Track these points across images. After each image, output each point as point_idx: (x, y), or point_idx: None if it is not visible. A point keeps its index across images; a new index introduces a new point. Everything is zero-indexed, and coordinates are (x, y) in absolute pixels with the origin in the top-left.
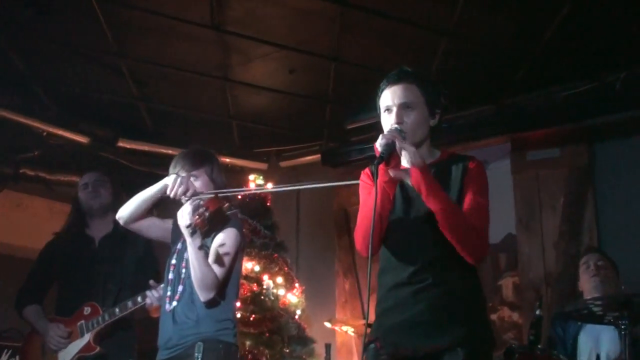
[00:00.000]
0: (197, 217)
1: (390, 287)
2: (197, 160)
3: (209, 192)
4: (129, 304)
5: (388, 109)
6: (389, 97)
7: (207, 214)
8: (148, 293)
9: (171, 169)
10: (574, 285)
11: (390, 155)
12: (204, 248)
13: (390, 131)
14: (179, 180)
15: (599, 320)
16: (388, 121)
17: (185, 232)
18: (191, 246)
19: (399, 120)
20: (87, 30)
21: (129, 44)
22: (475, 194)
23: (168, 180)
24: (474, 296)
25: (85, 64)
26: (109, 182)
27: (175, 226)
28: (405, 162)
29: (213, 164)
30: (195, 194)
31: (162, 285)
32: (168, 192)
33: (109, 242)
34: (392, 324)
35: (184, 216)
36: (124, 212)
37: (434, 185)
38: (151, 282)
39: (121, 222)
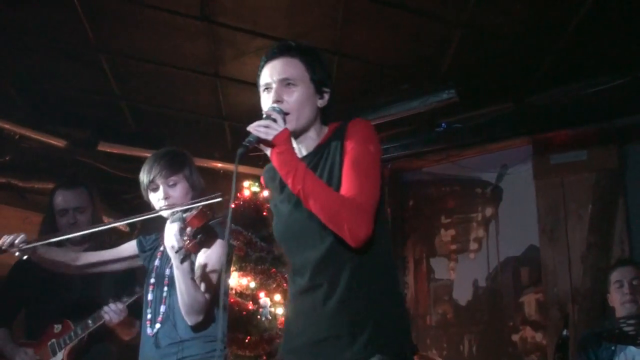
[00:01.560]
0: (187, 240)
1: (292, 296)
2: (175, 164)
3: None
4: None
5: (267, 87)
6: (267, 74)
7: (199, 237)
8: (105, 308)
9: (144, 176)
10: (604, 302)
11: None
12: (192, 270)
13: (263, 117)
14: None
15: (631, 341)
16: (267, 101)
17: (174, 256)
18: (179, 270)
19: (278, 98)
20: (63, 22)
21: (110, 37)
22: (351, 163)
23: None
24: (382, 299)
25: (61, 59)
26: (90, 205)
27: (145, 243)
28: (296, 148)
29: (191, 166)
30: (25, 242)
31: (124, 300)
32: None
33: None
34: (294, 347)
35: (171, 237)
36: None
37: (292, 163)
38: (110, 300)
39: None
